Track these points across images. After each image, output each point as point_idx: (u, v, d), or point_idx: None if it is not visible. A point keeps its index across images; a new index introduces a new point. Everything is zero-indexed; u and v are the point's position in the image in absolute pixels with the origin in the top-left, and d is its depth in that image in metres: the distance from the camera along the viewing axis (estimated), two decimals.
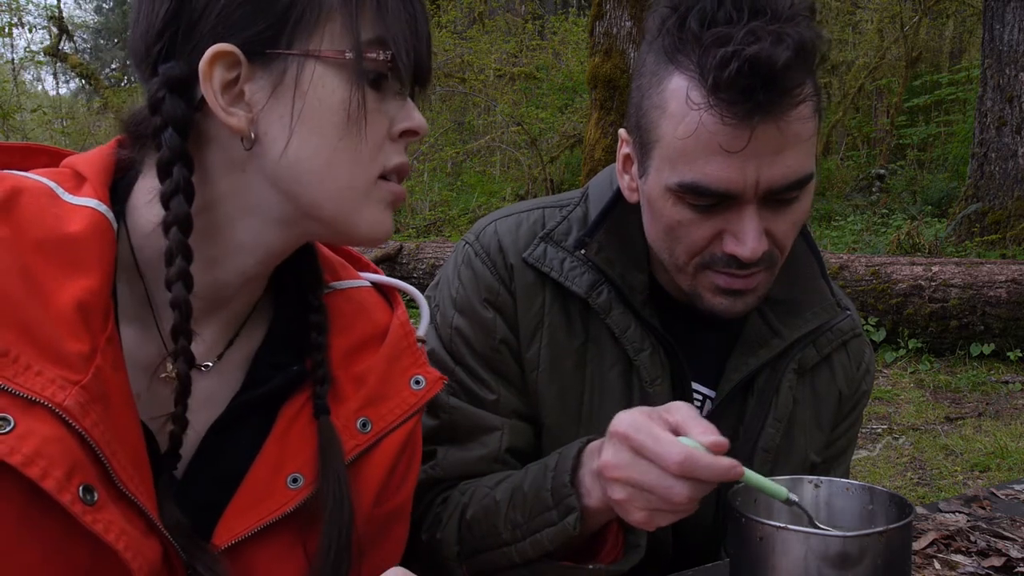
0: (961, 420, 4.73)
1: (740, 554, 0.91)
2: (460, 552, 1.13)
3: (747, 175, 1.01)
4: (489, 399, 1.19)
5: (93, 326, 0.75)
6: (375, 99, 0.82)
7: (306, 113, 0.79)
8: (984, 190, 7.74)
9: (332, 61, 0.79)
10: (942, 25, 13.43)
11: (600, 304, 1.18)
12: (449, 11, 14.69)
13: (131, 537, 0.74)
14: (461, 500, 1.15)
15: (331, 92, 0.80)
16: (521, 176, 12.03)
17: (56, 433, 0.70)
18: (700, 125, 1.00)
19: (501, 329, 1.20)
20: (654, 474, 0.90)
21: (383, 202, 0.85)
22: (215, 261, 0.84)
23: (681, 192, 1.04)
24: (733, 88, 0.97)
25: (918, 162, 11.14)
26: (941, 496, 3.62)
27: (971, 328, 5.55)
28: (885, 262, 5.96)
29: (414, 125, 0.85)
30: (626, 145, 1.16)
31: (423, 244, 8.23)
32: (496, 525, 1.09)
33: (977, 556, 1.18)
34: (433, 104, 13.98)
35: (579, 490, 1.03)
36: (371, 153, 0.83)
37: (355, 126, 0.81)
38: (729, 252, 1.05)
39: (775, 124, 0.99)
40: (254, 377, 0.90)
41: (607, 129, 8.12)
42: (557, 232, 1.21)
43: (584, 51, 11.18)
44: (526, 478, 1.10)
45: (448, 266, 1.27)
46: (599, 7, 8.25)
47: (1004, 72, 7.57)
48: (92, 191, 0.81)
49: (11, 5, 15.16)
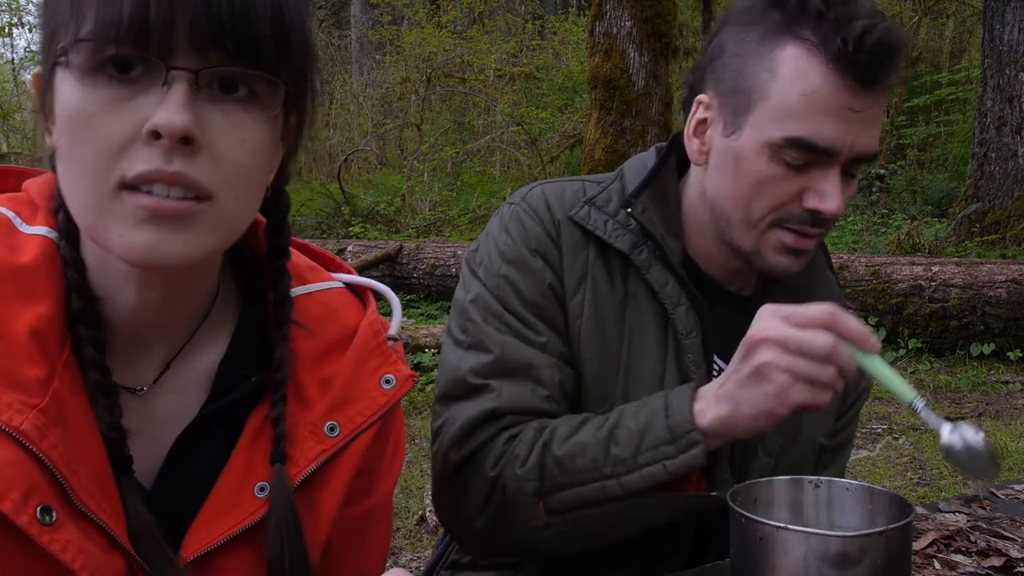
0: (961, 420, 4.73)
1: (740, 554, 0.91)
2: (541, 488, 1.16)
3: (848, 138, 1.14)
4: (539, 341, 1.24)
5: (49, 351, 0.76)
6: (114, 98, 0.72)
7: (56, 122, 0.76)
8: (984, 190, 7.74)
9: (61, 63, 0.73)
10: (942, 25, 13.42)
11: (642, 262, 1.26)
12: (449, 11, 14.70)
13: (90, 555, 0.75)
14: (540, 438, 1.18)
15: (64, 97, 0.74)
16: (521, 176, 12.02)
17: (13, 456, 0.72)
18: (823, 84, 1.12)
19: (549, 276, 1.26)
20: (801, 331, 1.01)
21: (127, 217, 0.73)
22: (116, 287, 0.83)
23: (786, 146, 1.14)
24: (870, 55, 1.10)
25: (918, 162, 11.13)
26: (941, 496, 3.61)
27: (971, 328, 5.55)
28: (885, 262, 5.96)
29: (152, 124, 0.70)
30: (705, 109, 1.25)
31: (423, 244, 8.22)
32: (596, 460, 1.14)
33: (977, 556, 1.18)
34: (433, 104, 13.99)
35: (699, 421, 1.10)
36: (96, 162, 0.72)
37: (79, 131, 0.72)
38: (812, 207, 1.16)
39: (877, 98, 1.15)
40: (219, 389, 0.89)
41: (607, 129, 8.12)
42: (599, 199, 1.29)
43: (584, 51, 11.17)
44: (623, 419, 1.16)
45: (493, 226, 1.32)
46: (599, 7, 8.24)
47: (1004, 72, 7.56)
48: (43, 219, 0.82)
49: (11, 5, 15.16)
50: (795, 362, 1.01)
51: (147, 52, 0.71)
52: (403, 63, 14.87)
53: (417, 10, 15.70)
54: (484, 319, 1.25)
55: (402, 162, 12.90)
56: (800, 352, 1.01)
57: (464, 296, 1.29)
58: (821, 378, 1.01)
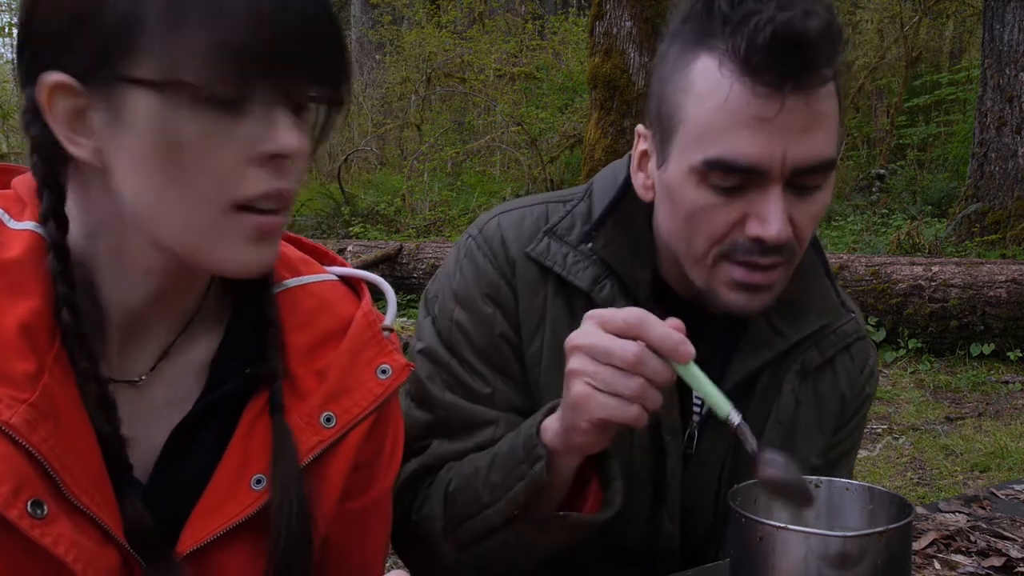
0: (961, 420, 4.73)
1: (740, 554, 0.91)
2: (445, 526, 1.14)
3: (775, 150, 1.00)
4: (484, 393, 1.19)
5: (39, 345, 0.77)
6: (214, 122, 0.73)
7: (135, 147, 0.74)
8: (984, 190, 7.74)
9: (156, 87, 0.72)
10: (942, 25, 13.42)
11: (603, 299, 1.16)
12: (449, 11, 14.69)
13: (83, 549, 0.75)
14: (446, 476, 1.16)
15: (154, 123, 0.73)
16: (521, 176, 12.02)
17: (3, 451, 0.72)
18: (730, 94, 1.00)
19: (501, 324, 1.19)
20: (608, 338, 0.93)
21: (241, 236, 0.77)
22: (124, 281, 0.83)
23: (706, 170, 1.03)
24: (766, 53, 0.97)
25: (918, 162, 11.12)
26: (941, 496, 3.61)
27: (971, 328, 5.55)
28: (885, 262, 5.96)
29: (275, 148, 0.75)
30: (643, 141, 1.15)
31: (423, 244, 8.22)
32: (477, 490, 1.09)
33: (977, 556, 1.18)
34: (433, 104, 13.98)
35: (542, 435, 1.03)
36: (210, 187, 0.75)
37: (189, 157, 0.74)
38: (753, 235, 1.04)
39: (804, 98, 0.99)
40: (214, 382, 0.89)
41: (607, 129, 8.12)
42: (561, 227, 1.20)
43: (584, 51, 11.17)
44: (504, 443, 1.10)
45: (450, 259, 1.26)
46: (599, 7, 8.25)
47: (1004, 72, 7.56)
48: (31, 214, 0.81)
49: (11, 5, 15.16)
50: (598, 370, 0.93)
51: (269, 83, 0.74)
52: (403, 63, 14.86)
53: (417, 10, 15.69)
54: (429, 375, 1.20)
55: (402, 162, 12.89)
56: (606, 361, 0.93)
57: (415, 344, 1.25)
58: (622, 390, 0.93)
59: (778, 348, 1.22)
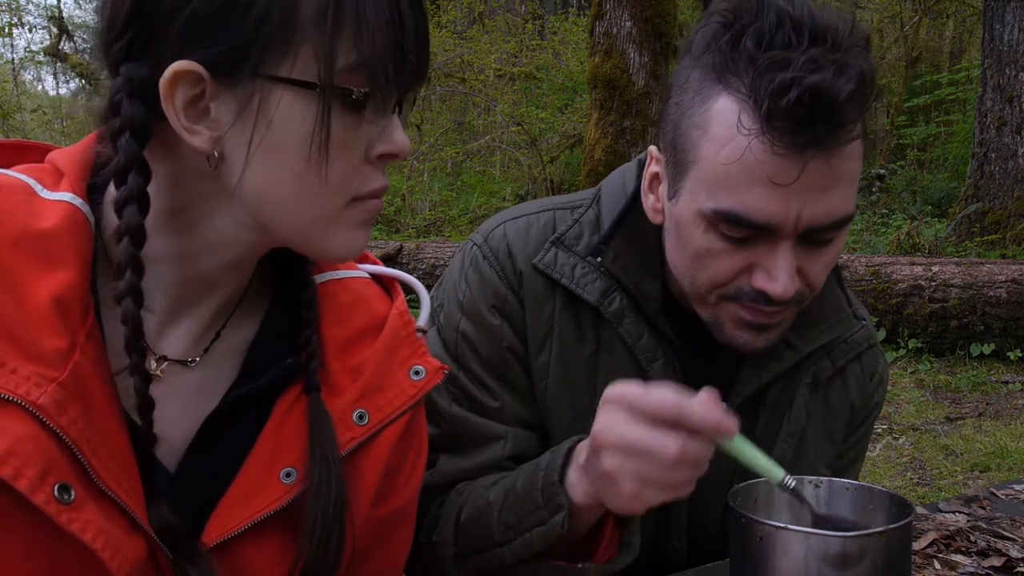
0: (961, 420, 4.73)
1: (740, 554, 0.91)
2: (456, 554, 1.12)
3: (790, 210, 0.95)
4: (492, 406, 1.17)
5: (71, 321, 0.73)
6: (350, 125, 0.77)
7: (270, 141, 0.75)
8: (984, 190, 7.74)
9: (301, 89, 0.74)
10: (942, 25, 13.43)
11: (612, 312, 1.14)
12: (449, 11, 14.69)
13: (111, 536, 0.72)
14: (458, 501, 1.14)
15: (298, 122, 0.75)
16: (521, 176, 12.03)
17: (30, 432, 0.69)
18: (748, 152, 0.94)
19: (508, 337, 1.16)
20: (644, 430, 0.87)
21: (355, 221, 0.82)
22: (192, 255, 0.82)
23: (716, 220, 0.98)
24: (790, 118, 0.91)
25: (918, 162, 11.13)
26: (941, 496, 3.62)
27: (971, 328, 5.55)
28: (885, 262, 5.96)
29: (394, 148, 0.81)
30: (656, 163, 1.11)
31: (423, 244, 8.23)
32: (489, 526, 1.07)
33: (977, 556, 1.18)
34: (433, 104, 13.98)
35: (567, 487, 1.01)
36: (340, 183, 0.78)
37: (331, 155, 0.76)
38: (759, 288, 1.00)
39: (826, 159, 0.94)
40: (249, 370, 0.87)
41: (607, 129, 8.12)
42: (568, 236, 1.17)
43: (584, 51, 11.18)
44: (519, 478, 1.08)
45: (454, 266, 1.23)
46: (599, 7, 8.25)
47: (1004, 72, 7.56)
48: (69, 186, 0.79)
49: (11, 5, 15.17)
50: (642, 469, 0.88)
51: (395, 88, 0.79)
52: None
53: None
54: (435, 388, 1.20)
55: (402, 162, 12.90)
56: (646, 458, 0.88)
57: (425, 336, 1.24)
58: (671, 481, 0.89)
59: (788, 360, 1.20)
